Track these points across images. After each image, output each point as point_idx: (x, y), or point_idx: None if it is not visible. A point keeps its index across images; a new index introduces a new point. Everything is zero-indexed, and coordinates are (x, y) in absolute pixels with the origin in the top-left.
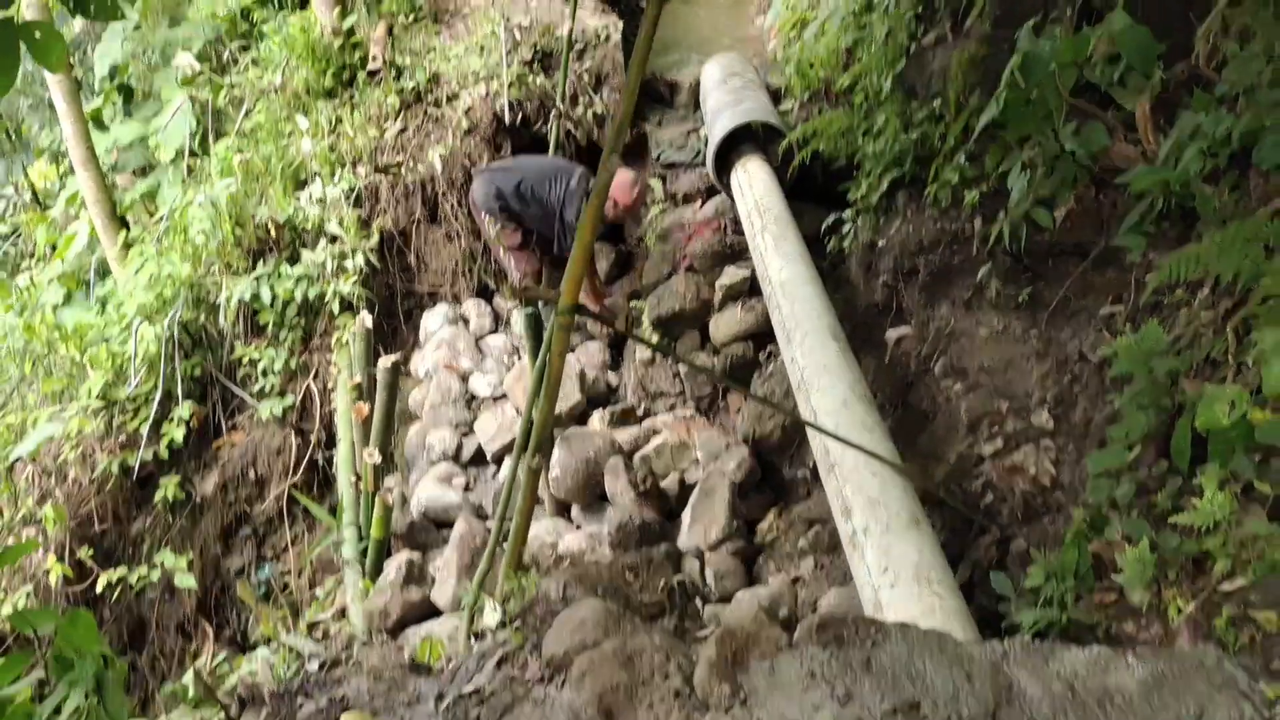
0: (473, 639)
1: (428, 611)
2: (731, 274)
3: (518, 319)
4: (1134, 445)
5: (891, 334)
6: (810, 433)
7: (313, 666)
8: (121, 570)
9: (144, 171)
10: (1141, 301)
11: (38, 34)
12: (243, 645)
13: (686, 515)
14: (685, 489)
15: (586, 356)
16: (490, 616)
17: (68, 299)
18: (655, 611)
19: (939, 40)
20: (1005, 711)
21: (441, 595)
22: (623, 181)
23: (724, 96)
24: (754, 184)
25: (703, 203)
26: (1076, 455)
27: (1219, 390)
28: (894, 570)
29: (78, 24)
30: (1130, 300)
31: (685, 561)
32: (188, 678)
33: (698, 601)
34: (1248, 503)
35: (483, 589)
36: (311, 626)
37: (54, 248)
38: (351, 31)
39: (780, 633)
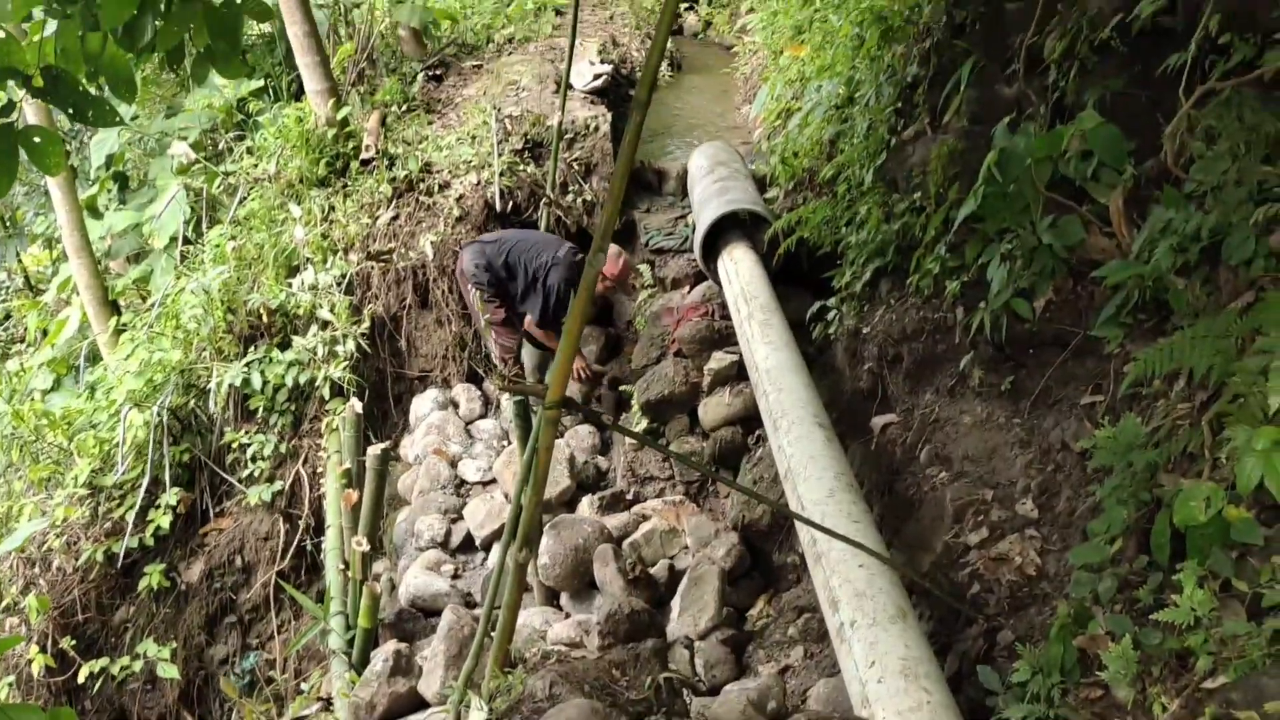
0: None
1: (415, 704)
2: (719, 359)
3: (507, 404)
4: (1115, 539)
5: (877, 421)
6: (799, 524)
7: None
8: (104, 661)
9: (137, 258)
10: (1120, 393)
11: (36, 139)
12: None
13: (676, 603)
14: (675, 575)
15: (576, 440)
16: (476, 716)
17: (57, 385)
18: (642, 709)
19: (918, 135)
20: None
21: (429, 687)
22: (608, 255)
23: (711, 185)
24: (740, 271)
25: (691, 288)
26: (1062, 545)
27: (1196, 487)
28: (881, 665)
29: None
30: (1109, 391)
31: (674, 651)
32: None
33: (686, 696)
34: (1227, 600)
35: (469, 686)
36: None
37: (45, 333)
38: (346, 121)
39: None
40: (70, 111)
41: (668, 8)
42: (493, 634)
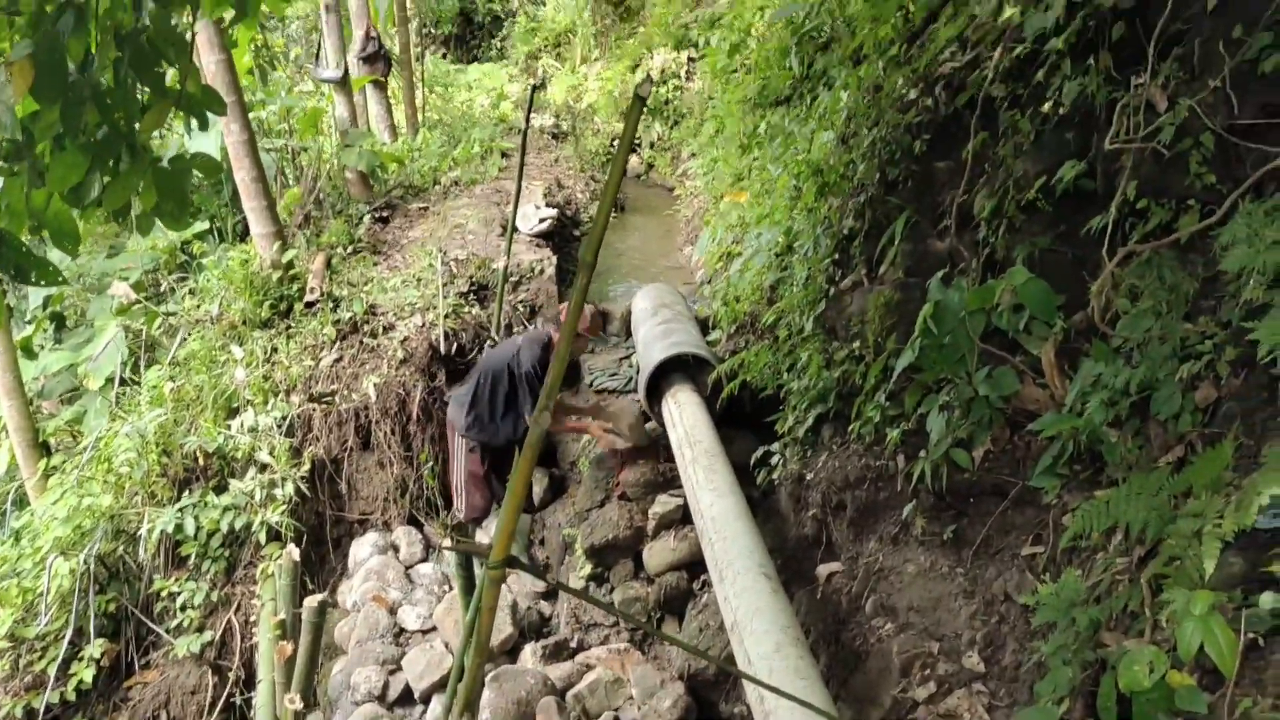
0: None
1: None
2: (664, 502)
3: (449, 551)
4: (1062, 700)
5: (822, 569)
6: (745, 680)
7: None
8: None
9: (71, 398)
10: (1060, 545)
11: None
12: None
13: None
14: None
15: (519, 585)
16: None
17: None
18: None
19: (855, 285)
20: None
21: None
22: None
23: (655, 327)
24: (684, 414)
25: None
26: (1009, 700)
27: (1139, 650)
28: None
29: None
30: (1049, 542)
31: None
32: None
33: None
34: None
35: None
36: None
37: None
38: (291, 264)
39: None
40: (13, 273)
41: (612, 180)
42: None
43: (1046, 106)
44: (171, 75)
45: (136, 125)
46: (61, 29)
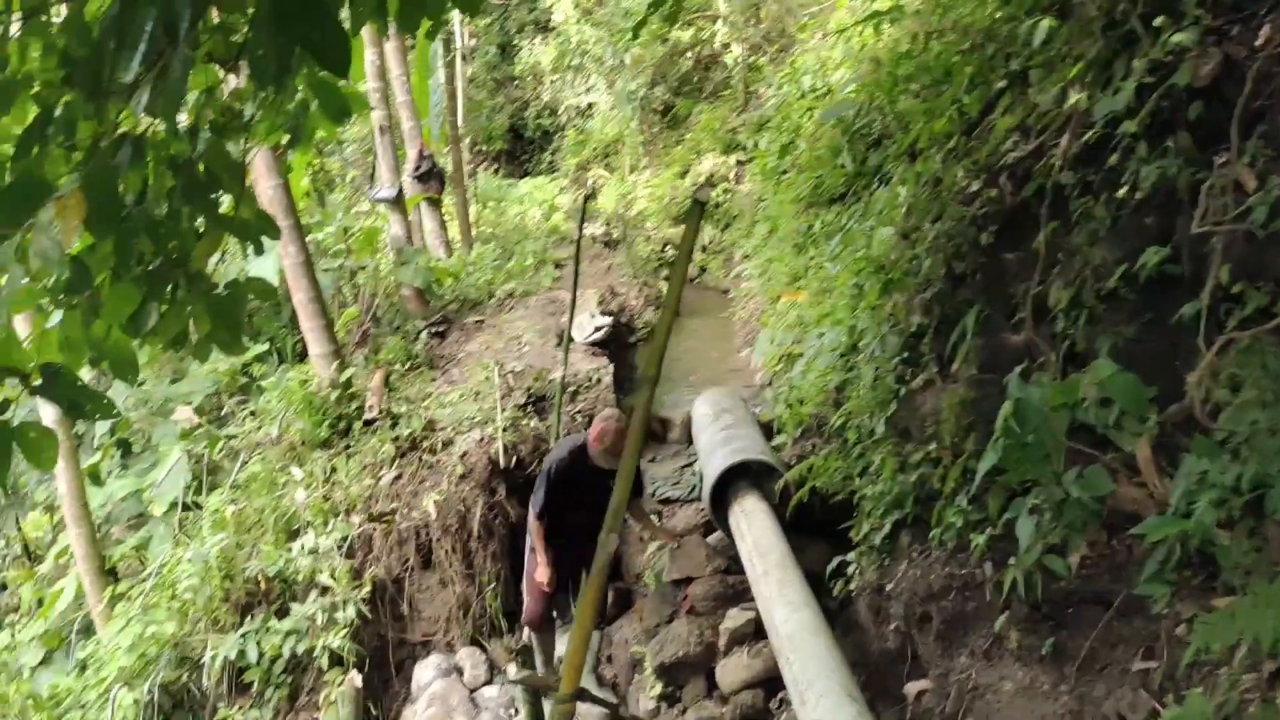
0: None
1: None
2: (735, 616)
3: (513, 672)
4: None
5: (910, 688)
6: None
7: None
8: None
9: (137, 523)
10: (1181, 661)
11: (32, 434)
12: None
13: None
14: None
15: (586, 709)
16: None
17: (46, 660)
18: None
19: (928, 383)
20: None
21: None
22: (605, 428)
23: (716, 434)
24: (752, 525)
25: (704, 536)
26: None
27: None
28: None
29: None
30: (1163, 655)
31: None
32: None
33: None
34: None
35: None
36: None
37: (40, 603)
38: (349, 383)
39: None
40: (67, 407)
41: (673, 290)
42: None
43: (1122, 191)
44: (227, 202)
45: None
46: (120, 161)
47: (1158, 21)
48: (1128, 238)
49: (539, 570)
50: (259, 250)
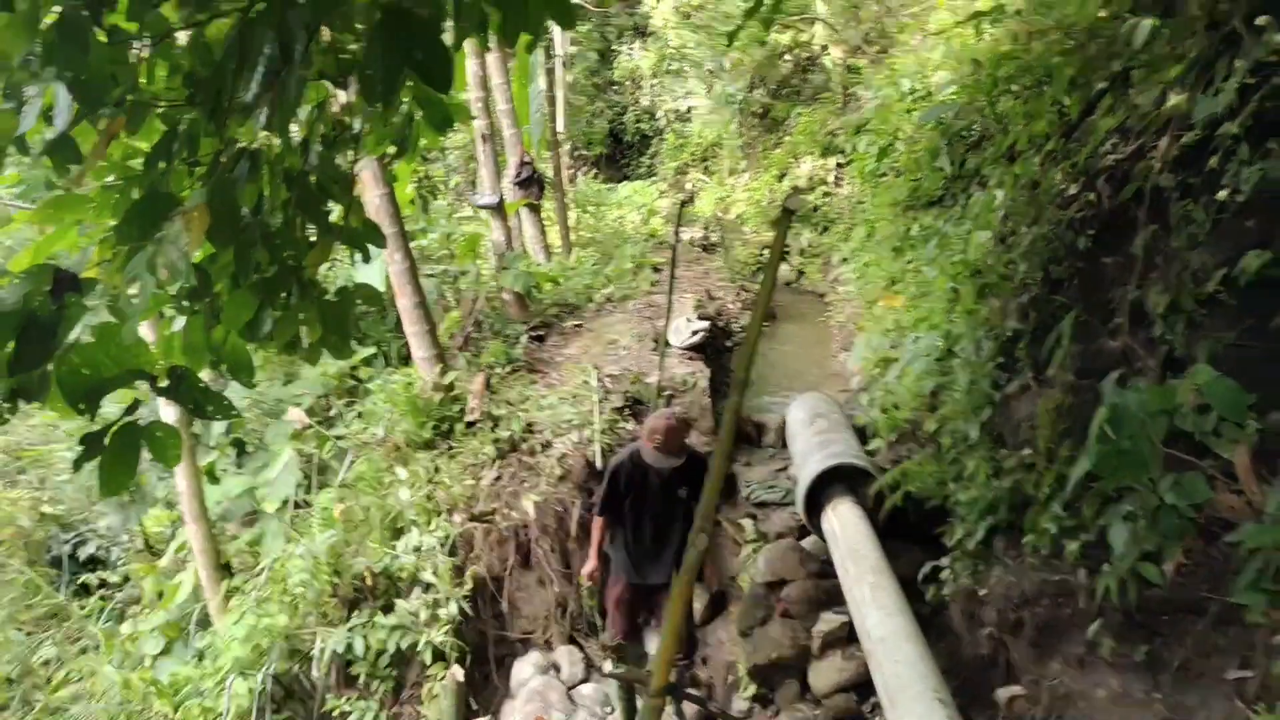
0: None
1: None
2: (829, 620)
3: (608, 668)
4: None
5: (1002, 694)
6: None
7: None
8: None
9: (251, 520)
10: (1274, 669)
11: (159, 434)
12: None
13: None
14: None
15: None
16: None
17: (167, 650)
18: None
19: (1023, 389)
20: None
21: None
22: (656, 426)
23: (811, 438)
24: (845, 529)
25: (798, 539)
26: None
27: None
28: None
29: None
30: (1260, 665)
31: None
32: None
33: None
34: None
35: None
36: None
37: (160, 596)
38: (451, 386)
39: None
40: (191, 408)
41: (764, 294)
42: None
43: (1223, 194)
44: (336, 211)
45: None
46: (238, 175)
47: (1260, 21)
48: (1228, 241)
49: (586, 565)
50: (366, 258)
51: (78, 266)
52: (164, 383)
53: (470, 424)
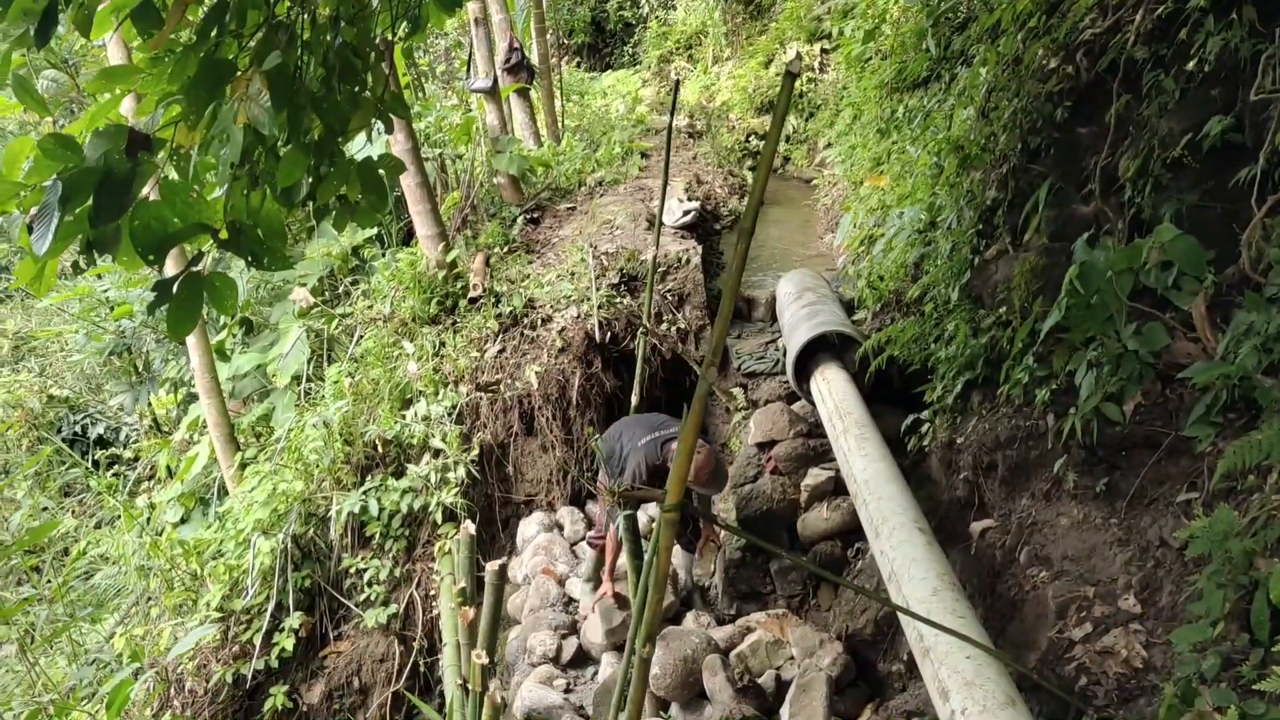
0: None
1: None
2: (816, 475)
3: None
4: (1217, 621)
5: (975, 526)
6: (904, 621)
7: None
8: None
9: (262, 396)
10: (1214, 488)
11: (217, 284)
12: None
13: (785, 711)
14: (782, 686)
15: (678, 559)
16: None
17: (185, 518)
18: None
19: (1000, 253)
20: None
21: None
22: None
23: (800, 310)
24: (833, 391)
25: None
26: (1165, 638)
27: None
28: None
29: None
30: (1204, 487)
31: None
32: None
33: None
34: None
35: None
36: None
37: (170, 471)
38: (454, 264)
39: None
40: (249, 259)
41: (772, 137)
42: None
43: (1191, 64)
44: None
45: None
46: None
47: None
48: (1194, 108)
49: (602, 588)
50: (389, 128)
51: (146, 129)
52: (225, 236)
53: (473, 300)
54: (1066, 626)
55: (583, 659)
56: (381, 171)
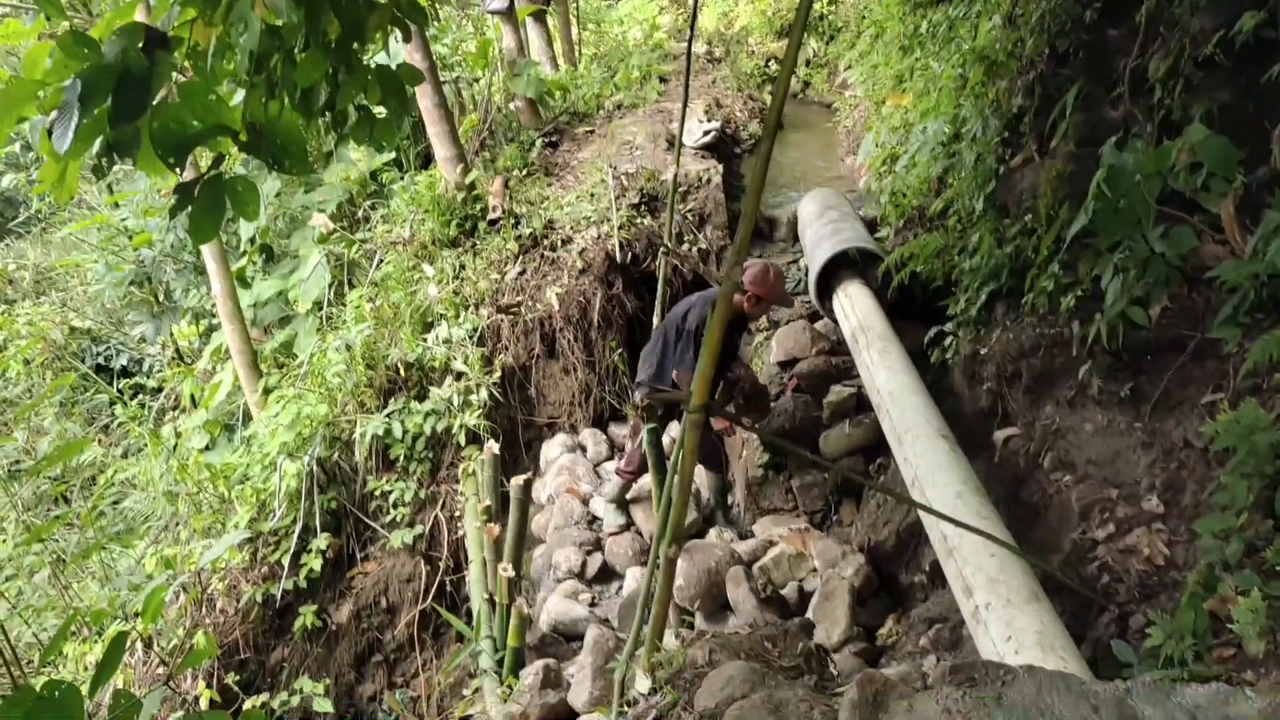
0: (625, 709)
1: (565, 715)
2: (838, 391)
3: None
4: (1241, 511)
5: (999, 435)
6: (928, 523)
7: None
8: (264, 697)
9: (284, 323)
10: (1239, 385)
11: (239, 188)
12: None
13: (808, 618)
14: (804, 596)
15: (699, 478)
16: (642, 684)
17: (211, 444)
18: (795, 673)
19: (1026, 161)
20: None
21: (578, 698)
22: (754, 274)
23: (822, 228)
24: (856, 307)
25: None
26: (1189, 537)
27: None
28: (1017, 639)
29: None
30: (1230, 388)
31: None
32: None
33: (831, 665)
34: None
35: (631, 663)
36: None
37: (194, 400)
38: (473, 186)
39: (916, 679)
40: (270, 161)
41: (792, 48)
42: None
43: None
44: None
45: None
46: None
47: None
48: (1226, 5)
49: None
50: (407, 37)
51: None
52: (245, 139)
53: (492, 222)
54: (1090, 528)
55: (607, 574)
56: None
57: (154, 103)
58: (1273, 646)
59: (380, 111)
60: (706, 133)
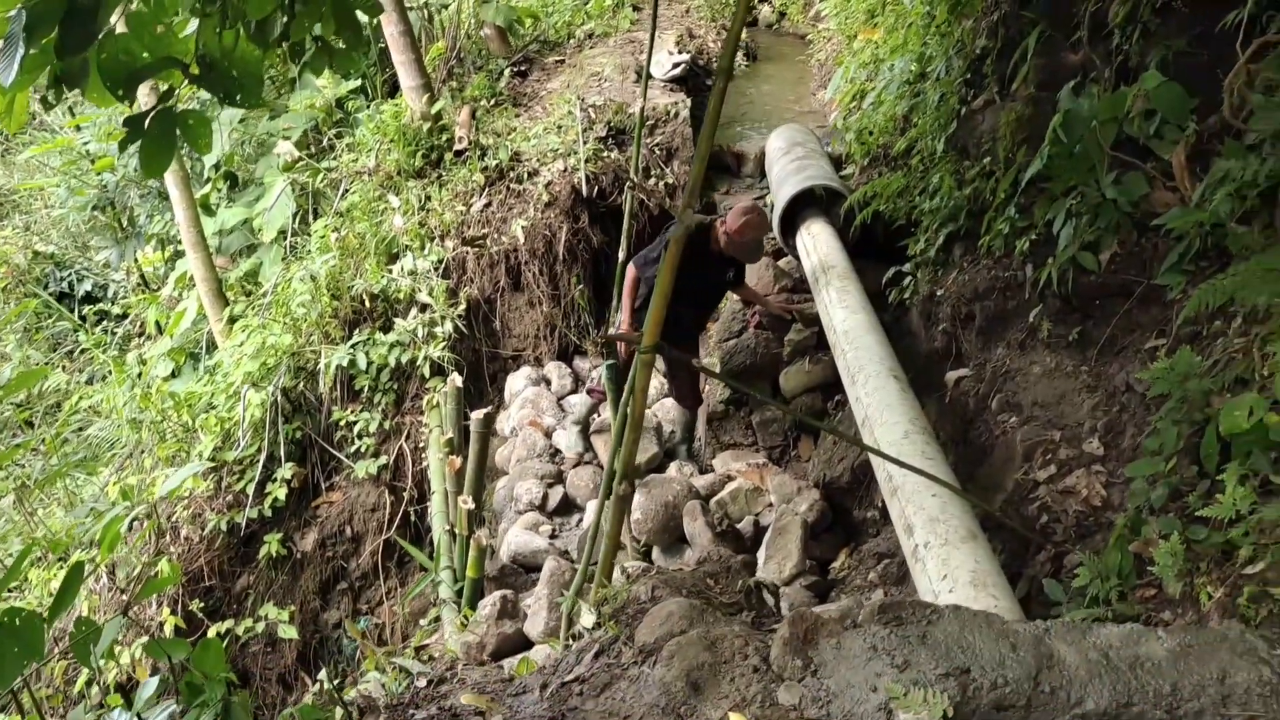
0: (571, 641)
1: (521, 644)
2: (799, 329)
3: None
4: (1170, 456)
5: (951, 375)
6: (875, 463)
7: (421, 683)
8: (229, 623)
9: (249, 251)
10: (1178, 331)
11: (190, 121)
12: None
13: (762, 553)
14: (760, 530)
15: (663, 412)
16: (587, 618)
17: (176, 373)
18: (734, 610)
19: (987, 103)
20: (1045, 675)
21: (534, 628)
22: (733, 212)
23: (788, 164)
24: (818, 244)
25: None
26: (1126, 478)
27: (1240, 398)
28: (952, 577)
29: None
30: (1171, 333)
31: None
32: (308, 697)
33: (771, 600)
34: (1266, 496)
35: (578, 598)
36: (419, 649)
37: (159, 326)
38: (439, 115)
39: (846, 619)
40: (222, 95)
41: None
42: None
43: None
44: None
45: None
46: None
47: None
48: None
49: (622, 326)
50: None
51: None
52: (195, 71)
53: (458, 153)
54: (1032, 469)
55: (568, 507)
56: (358, 11)
57: (102, 34)
58: (1189, 588)
59: (339, 43)
60: (676, 65)
